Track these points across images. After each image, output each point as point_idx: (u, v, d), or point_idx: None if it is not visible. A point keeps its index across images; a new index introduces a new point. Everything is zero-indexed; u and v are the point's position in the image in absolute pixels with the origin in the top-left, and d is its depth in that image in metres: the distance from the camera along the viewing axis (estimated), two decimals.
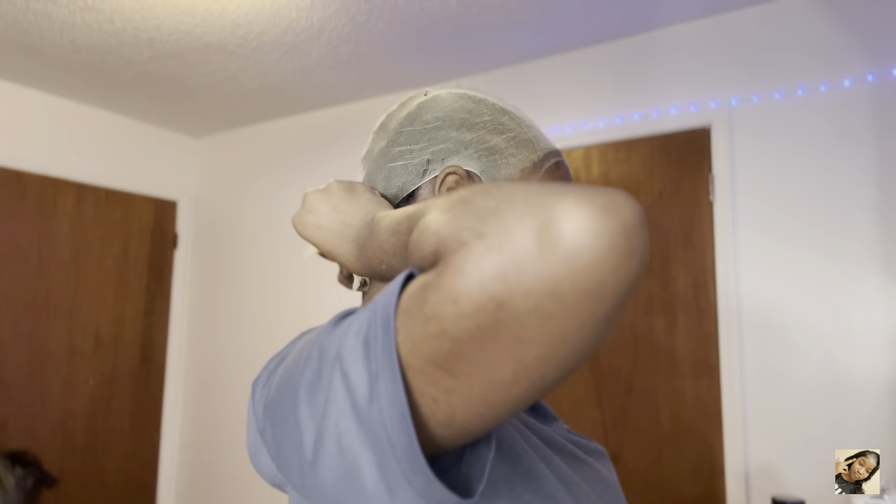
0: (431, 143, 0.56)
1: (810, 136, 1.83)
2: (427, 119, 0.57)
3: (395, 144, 0.57)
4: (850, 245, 1.75)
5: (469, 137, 0.55)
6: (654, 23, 2.07)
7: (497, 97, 0.60)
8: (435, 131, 0.56)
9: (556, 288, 0.28)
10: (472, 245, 0.30)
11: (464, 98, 0.58)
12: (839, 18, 1.82)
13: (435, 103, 0.58)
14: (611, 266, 0.28)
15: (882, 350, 1.68)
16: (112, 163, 2.97)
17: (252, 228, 3.04)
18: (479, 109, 0.57)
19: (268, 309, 2.92)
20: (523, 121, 0.58)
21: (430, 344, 0.31)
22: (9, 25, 2.12)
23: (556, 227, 0.28)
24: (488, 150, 0.55)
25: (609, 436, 2.07)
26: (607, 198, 0.29)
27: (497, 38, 2.18)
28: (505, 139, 0.56)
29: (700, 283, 1.97)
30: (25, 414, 2.60)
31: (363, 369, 0.34)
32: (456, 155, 0.55)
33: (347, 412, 0.34)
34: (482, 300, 0.29)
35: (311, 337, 0.44)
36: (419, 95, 0.60)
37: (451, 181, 0.54)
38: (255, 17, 2.03)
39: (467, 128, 0.56)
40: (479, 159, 0.55)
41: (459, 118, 0.56)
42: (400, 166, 0.56)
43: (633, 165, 2.12)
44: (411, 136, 0.56)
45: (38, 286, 2.67)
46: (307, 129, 2.94)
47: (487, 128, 0.56)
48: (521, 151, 0.56)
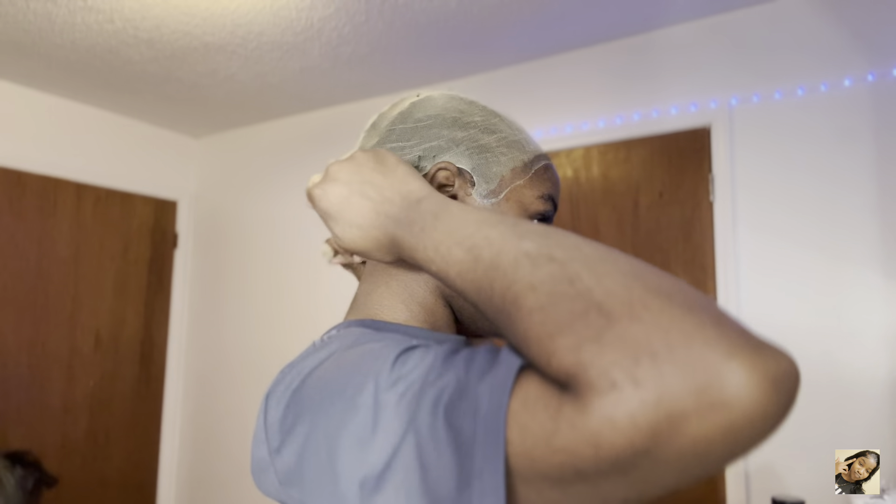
0: (423, 140, 0.56)
1: (810, 136, 1.83)
2: (419, 117, 0.57)
3: (386, 142, 0.57)
4: (850, 245, 1.75)
5: (461, 135, 0.56)
6: (654, 23, 2.07)
7: (485, 104, 0.61)
8: (427, 129, 0.56)
9: (707, 449, 0.28)
10: (626, 392, 0.28)
11: (455, 99, 0.59)
12: (839, 18, 1.82)
13: (427, 103, 0.58)
14: (762, 433, 0.28)
15: (882, 350, 1.68)
16: (112, 163, 2.97)
17: (252, 228, 3.04)
18: (471, 110, 0.58)
19: (268, 309, 2.92)
20: (513, 124, 0.59)
21: (552, 468, 0.30)
22: (9, 25, 2.12)
23: (720, 394, 0.27)
24: (479, 147, 0.56)
25: None
26: (779, 368, 0.28)
27: (497, 38, 2.18)
28: (495, 139, 0.56)
29: (700, 283, 1.97)
30: (25, 414, 2.60)
31: (450, 459, 0.33)
32: (447, 152, 0.55)
33: (416, 489, 0.33)
34: (627, 450, 0.28)
35: (354, 362, 0.42)
36: (411, 96, 0.60)
37: (441, 176, 0.55)
38: (255, 17, 2.03)
39: (459, 126, 0.56)
40: (470, 157, 0.55)
41: (451, 117, 0.57)
42: None
43: (633, 165, 2.12)
44: (403, 134, 0.57)
45: (37, 286, 2.67)
46: (307, 129, 2.94)
47: (479, 127, 0.57)
48: (512, 151, 0.57)
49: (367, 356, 0.42)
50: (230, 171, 3.21)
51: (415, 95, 0.60)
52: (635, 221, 2.10)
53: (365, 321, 0.53)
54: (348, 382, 0.40)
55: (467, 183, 0.55)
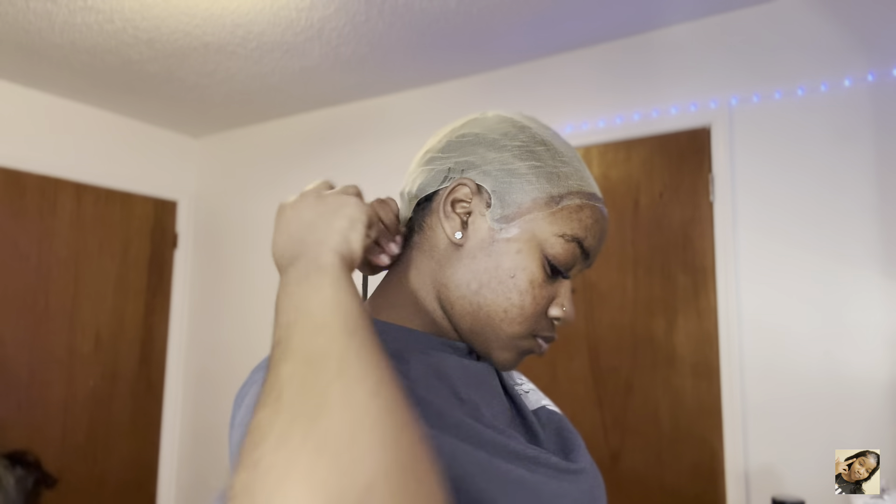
0: (459, 154, 0.57)
1: (810, 136, 1.83)
2: (465, 133, 0.58)
3: (433, 150, 0.59)
4: (850, 245, 1.75)
5: (493, 156, 0.55)
6: (654, 23, 2.07)
7: (547, 129, 0.59)
8: (466, 145, 0.57)
9: None
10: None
11: (507, 121, 0.58)
12: (839, 18, 1.82)
13: (481, 121, 0.59)
14: None
15: (882, 350, 1.68)
16: (112, 163, 2.97)
17: (252, 228, 3.04)
18: (516, 134, 0.57)
19: (268, 309, 2.92)
20: (563, 156, 0.56)
21: None
22: (9, 25, 2.12)
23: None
24: (507, 171, 0.55)
25: (609, 436, 2.07)
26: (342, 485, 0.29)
27: (497, 38, 2.18)
28: (528, 166, 0.55)
29: (700, 283, 1.97)
30: (25, 414, 2.60)
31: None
32: (475, 169, 0.55)
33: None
34: None
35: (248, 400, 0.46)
36: (477, 113, 0.61)
37: (459, 191, 0.55)
38: (255, 17, 2.03)
39: (496, 147, 0.56)
40: (494, 178, 0.55)
41: (492, 138, 0.56)
42: (427, 170, 0.58)
43: (633, 165, 2.12)
44: (447, 146, 0.58)
45: (38, 286, 2.67)
46: (307, 129, 2.94)
47: (514, 151, 0.55)
48: (541, 181, 0.54)
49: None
50: (230, 171, 3.21)
51: (479, 113, 0.61)
52: (635, 221, 2.10)
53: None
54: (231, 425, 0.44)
55: (483, 203, 0.55)
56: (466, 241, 0.55)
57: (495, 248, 0.54)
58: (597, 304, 2.14)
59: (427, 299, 0.57)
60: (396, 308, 0.58)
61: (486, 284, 0.54)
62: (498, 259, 0.54)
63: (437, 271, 0.56)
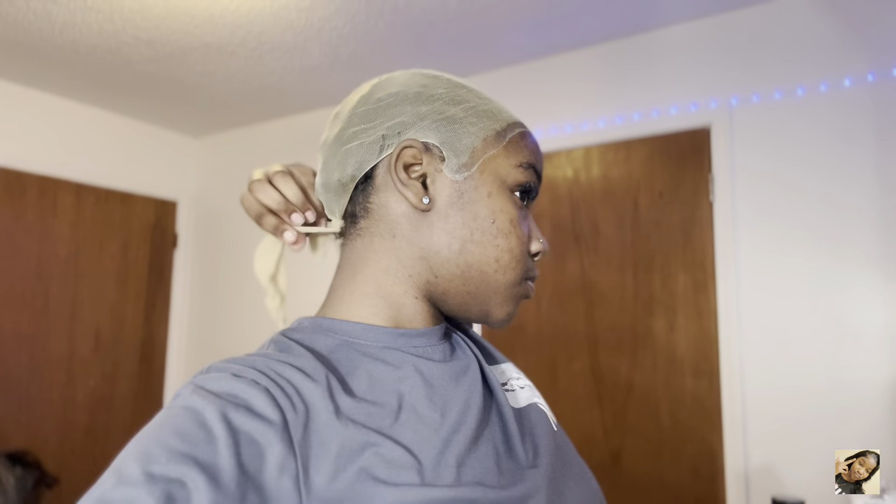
0: (386, 118, 0.52)
1: (810, 136, 1.83)
2: (380, 97, 0.54)
3: (349, 126, 0.54)
4: (851, 245, 1.75)
5: (425, 109, 0.52)
6: (654, 23, 2.07)
7: (452, 75, 0.57)
8: (389, 108, 0.53)
9: None
10: None
11: (417, 75, 0.55)
12: (839, 18, 1.82)
13: (388, 82, 0.55)
14: None
15: (882, 350, 1.68)
16: (112, 163, 2.97)
17: (252, 228, 3.04)
18: (434, 83, 0.54)
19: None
20: (482, 94, 0.56)
21: None
22: (9, 25, 2.12)
23: None
24: (446, 119, 0.52)
25: (609, 436, 2.07)
26: None
27: (497, 38, 2.18)
28: (463, 108, 0.53)
29: (700, 283, 1.97)
30: (25, 414, 2.60)
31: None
32: (412, 128, 0.52)
33: None
34: None
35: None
36: (373, 80, 0.57)
37: (407, 155, 0.51)
38: (255, 17, 2.03)
39: (423, 100, 0.52)
40: (437, 130, 0.51)
41: (414, 92, 0.53)
42: (355, 146, 0.53)
43: (633, 165, 2.12)
44: (365, 115, 0.53)
45: (38, 286, 2.67)
46: (307, 129, 2.94)
47: (444, 99, 0.53)
48: (482, 120, 0.53)
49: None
50: (230, 171, 3.21)
51: (377, 78, 0.57)
52: (635, 221, 2.10)
53: (317, 320, 0.53)
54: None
55: (436, 158, 0.51)
56: (433, 204, 0.51)
57: (465, 199, 0.51)
58: (597, 304, 2.14)
59: (391, 285, 0.53)
60: (355, 305, 0.53)
61: (468, 239, 0.51)
62: (473, 209, 0.51)
63: (406, 247, 0.52)
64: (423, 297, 0.54)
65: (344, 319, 0.52)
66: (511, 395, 0.57)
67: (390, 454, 0.42)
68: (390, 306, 0.53)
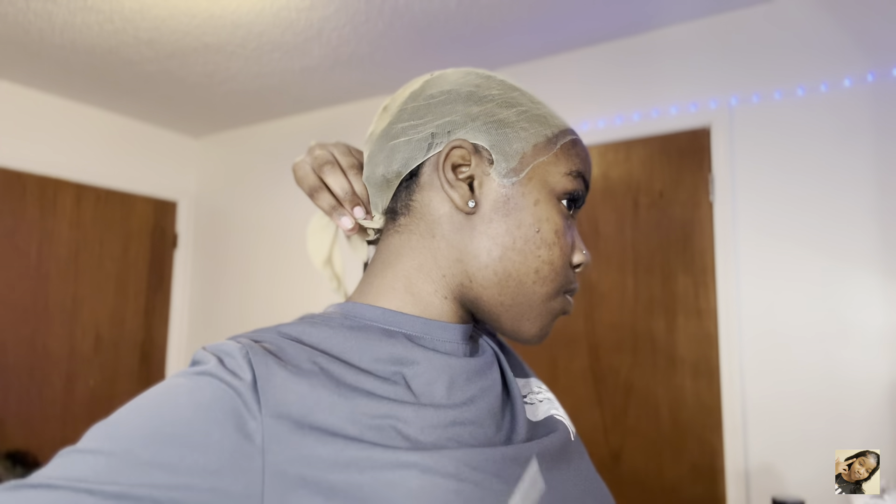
0: (436, 116, 0.51)
1: (810, 136, 1.83)
2: (432, 94, 0.53)
3: (398, 122, 0.53)
4: (850, 245, 1.75)
5: (477, 110, 0.51)
6: (654, 23, 2.07)
7: (505, 76, 0.56)
8: (440, 105, 0.52)
9: None
10: None
11: (471, 74, 0.54)
12: (839, 18, 1.82)
13: (441, 79, 0.54)
14: None
15: (882, 350, 1.68)
16: (112, 163, 2.97)
17: (252, 228, 3.04)
18: (488, 84, 0.53)
19: (268, 309, 2.92)
20: (534, 98, 0.54)
21: None
22: (9, 25, 2.12)
23: None
24: (498, 122, 0.51)
25: (609, 436, 2.07)
26: None
27: (497, 38, 2.18)
28: (515, 112, 0.52)
29: (700, 283, 1.97)
30: (25, 414, 2.60)
31: None
32: (462, 128, 0.51)
33: None
34: None
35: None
36: (425, 76, 0.56)
37: (455, 155, 0.50)
38: (255, 17, 2.03)
39: (475, 101, 0.51)
40: (487, 132, 0.50)
41: (467, 91, 0.52)
42: (403, 142, 0.52)
43: (633, 165, 2.12)
44: (415, 112, 0.52)
45: (38, 286, 2.67)
46: (307, 129, 2.94)
47: (496, 101, 0.52)
48: (533, 125, 0.52)
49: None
50: (230, 171, 3.21)
51: (429, 74, 0.56)
52: (635, 221, 2.10)
53: (345, 305, 0.53)
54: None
55: (485, 161, 0.50)
56: (478, 208, 0.50)
57: (511, 205, 0.50)
58: (597, 304, 2.14)
59: (422, 283, 0.52)
60: (386, 295, 0.53)
61: (509, 247, 0.50)
62: (518, 216, 0.50)
63: (444, 248, 0.51)
64: (452, 298, 0.53)
65: (370, 305, 0.52)
66: (530, 408, 0.56)
67: (374, 413, 0.43)
68: (417, 302, 0.52)
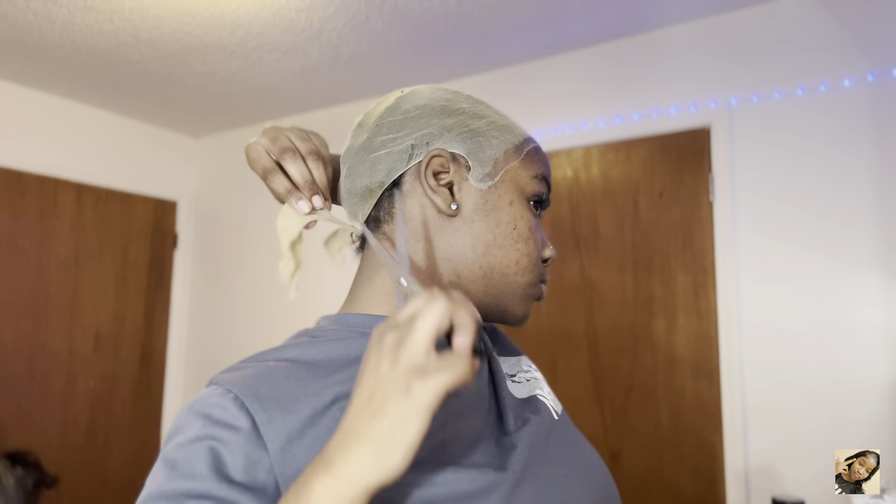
0: (414, 129, 0.56)
1: (810, 136, 1.83)
2: (407, 109, 0.57)
3: (376, 136, 0.57)
4: (850, 245, 1.75)
5: (451, 122, 0.56)
6: (654, 23, 2.07)
7: (469, 93, 0.63)
8: (416, 119, 0.57)
9: None
10: None
11: (440, 90, 0.60)
12: (839, 18, 1.82)
13: (413, 95, 0.59)
14: None
15: (882, 350, 1.68)
16: (112, 163, 2.97)
17: (252, 228, 3.04)
18: (457, 98, 0.59)
19: (268, 309, 2.92)
20: (497, 110, 0.61)
21: None
22: (9, 25, 2.12)
23: None
24: (471, 132, 0.56)
25: (609, 436, 2.07)
26: None
27: (497, 38, 2.18)
28: (485, 122, 0.57)
29: (700, 283, 1.97)
30: (25, 414, 2.60)
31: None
32: (439, 139, 0.56)
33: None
34: None
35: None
36: (396, 92, 0.61)
37: (436, 164, 0.55)
38: (255, 17, 2.03)
39: (448, 114, 0.57)
40: (462, 141, 0.56)
41: (440, 105, 0.57)
42: (384, 154, 0.56)
43: (633, 165, 2.12)
44: (393, 126, 0.57)
45: (38, 286, 2.67)
46: (307, 128, 2.93)
47: (467, 113, 0.57)
48: (503, 134, 0.58)
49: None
50: (230, 171, 3.21)
51: (399, 92, 0.61)
52: (635, 221, 2.10)
53: (338, 316, 0.57)
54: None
55: (462, 168, 0.56)
56: (459, 210, 0.55)
57: (489, 206, 0.56)
58: (597, 304, 2.14)
59: None
60: (376, 301, 0.57)
61: (491, 243, 0.55)
62: (496, 216, 0.56)
63: (429, 249, 0.56)
64: None
65: (361, 314, 0.56)
66: (517, 386, 0.60)
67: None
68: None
